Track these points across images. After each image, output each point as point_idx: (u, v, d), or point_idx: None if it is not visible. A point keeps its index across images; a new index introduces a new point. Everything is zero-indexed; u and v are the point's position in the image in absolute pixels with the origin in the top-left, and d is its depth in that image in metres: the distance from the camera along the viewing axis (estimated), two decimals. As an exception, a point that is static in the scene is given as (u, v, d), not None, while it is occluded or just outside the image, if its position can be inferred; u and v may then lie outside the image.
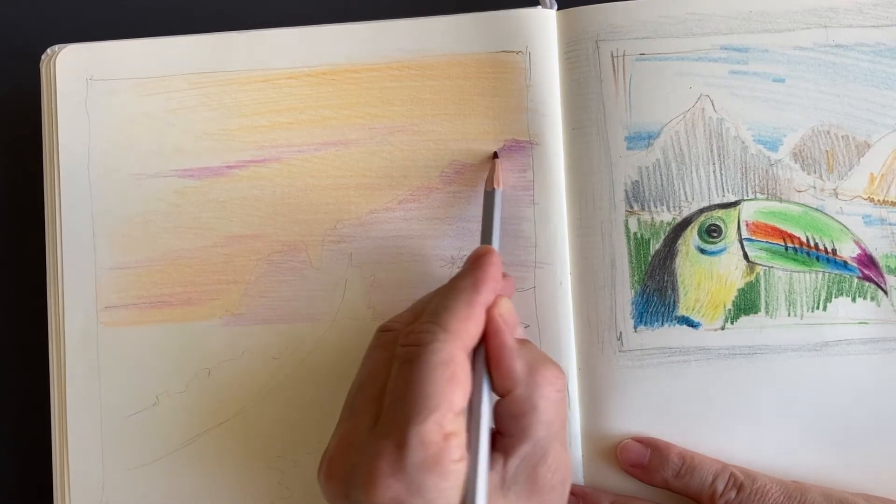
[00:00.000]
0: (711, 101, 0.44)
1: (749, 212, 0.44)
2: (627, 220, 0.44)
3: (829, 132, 0.44)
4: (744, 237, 0.44)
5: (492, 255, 0.39)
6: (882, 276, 0.43)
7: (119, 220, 0.46)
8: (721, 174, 0.44)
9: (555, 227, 0.44)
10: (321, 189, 0.45)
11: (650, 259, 0.44)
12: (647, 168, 0.44)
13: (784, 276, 0.43)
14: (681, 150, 0.44)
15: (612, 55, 0.44)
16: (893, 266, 0.43)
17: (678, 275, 0.44)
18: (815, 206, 0.44)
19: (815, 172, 0.44)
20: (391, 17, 0.46)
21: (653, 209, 0.44)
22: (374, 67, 0.46)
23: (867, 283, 0.43)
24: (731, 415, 0.43)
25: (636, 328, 0.43)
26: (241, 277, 0.45)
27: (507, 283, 0.41)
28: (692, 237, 0.44)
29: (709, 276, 0.43)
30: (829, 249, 0.43)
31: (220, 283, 0.45)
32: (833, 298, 0.43)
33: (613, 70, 0.44)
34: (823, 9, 0.44)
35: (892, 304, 0.43)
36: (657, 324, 0.43)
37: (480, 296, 0.37)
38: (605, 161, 0.44)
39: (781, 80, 0.44)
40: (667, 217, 0.44)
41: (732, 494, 0.40)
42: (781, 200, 0.44)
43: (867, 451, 0.42)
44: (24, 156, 0.49)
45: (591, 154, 0.44)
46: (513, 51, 0.45)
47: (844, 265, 0.43)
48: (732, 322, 0.43)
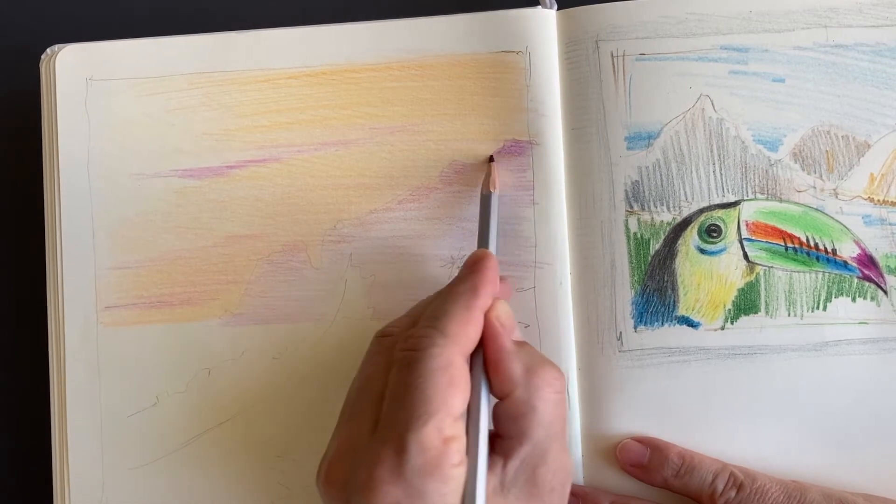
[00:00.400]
0: (711, 101, 0.44)
1: (749, 212, 0.44)
2: (627, 220, 0.44)
3: (829, 132, 0.44)
4: (744, 237, 0.44)
5: (489, 259, 0.39)
6: (882, 276, 0.43)
7: (119, 220, 0.46)
8: (721, 174, 0.44)
9: (555, 227, 0.44)
10: (321, 189, 0.45)
11: (650, 259, 0.44)
12: (647, 168, 0.44)
13: (784, 276, 0.43)
14: (681, 150, 0.44)
15: (612, 55, 0.44)
16: (893, 266, 0.43)
17: (678, 275, 0.44)
18: (815, 206, 0.44)
19: (815, 172, 0.44)
20: (391, 17, 0.46)
21: (653, 209, 0.44)
22: (374, 67, 0.46)
23: (867, 283, 0.43)
24: (731, 415, 0.43)
25: (636, 328, 0.43)
26: (241, 277, 0.45)
27: (505, 286, 0.41)
28: (692, 237, 0.44)
29: (709, 276, 0.43)
30: (829, 249, 0.43)
31: (220, 283, 0.45)
32: (833, 298, 0.43)
33: (613, 70, 0.44)
34: (823, 9, 0.44)
35: (892, 304, 0.43)
36: (657, 324, 0.43)
37: (479, 300, 0.37)
38: (605, 161, 0.44)
39: (781, 80, 0.44)
40: (667, 217, 0.44)
41: (732, 494, 0.40)
42: (781, 200, 0.44)
43: (867, 451, 0.42)
44: (24, 156, 0.49)
45: (591, 154, 0.44)
46: (513, 51, 0.45)
47: (844, 265, 0.43)
48: (732, 322, 0.43)
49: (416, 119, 0.45)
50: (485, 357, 0.37)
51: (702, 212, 0.44)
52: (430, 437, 0.33)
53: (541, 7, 0.45)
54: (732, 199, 0.44)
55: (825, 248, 0.43)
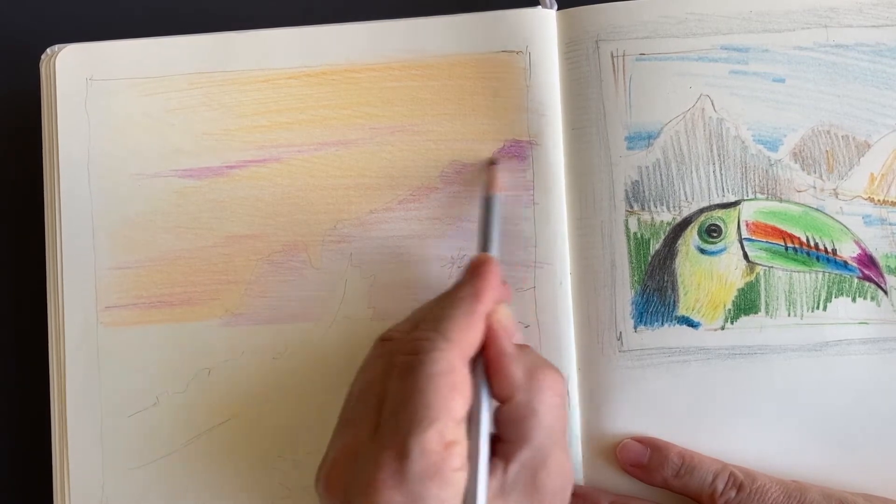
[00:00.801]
0: (711, 101, 0.44)
1: (749, 212, 0.44)
2: (627, 220, 0.44)
3: (829, 132, 0.44)
4: (744, 237, 0.44)
5: (492, 264, 0.39)
6: (882, 276, 0.43)
7: (119, 220, 0.46)
8: (721, 174, 0.44)
9: (555, 227, 0.44)
10: (321, 189, 0.45)
11: (650, 259, 0.44)
12: (647, 168, 0.44)
13: (784, 276, 0.43)
14: (681, 150, 0.44)
15: (612, 55, 0.44)
16: (893, 266, 0.43)
17: (678, 275, 0.44)
18: (815, 206, 0.44)
19: (815, 172, 0.44)
20: (391, 17, 0.46)
21: (653, 209, 0.44)
22: (374, 67, 0.46)
23: (867, 283, 0.43)
24: (731, 415, 0.43)
25: (636, 328, 0.43)
26: (241, 277, 0.45)
27: (504, 290, 0.41)
28: (692, 237, 0.44)
29: (709, 276, 0.43)
30: (829, 249, 0.43)
31: (220, 283, 0.45)
32: (833, 298, 0.43)
33: (613, 70, 0.44)
34: (823, 9, 0.44)
35: (892, 304, 0.43)
36: (657, 324, 0.43)
37: (481, 305, 0.37)
38: (605, 161, 0.44)
39: (781, 80, 0.44)
40: (667, 217, 0.44)
41: (732, 494, 0.40)
42: (781, 200, 0.44)
43: (867, 451, 0.42)
44: (24, 156, 0.49)
45: (591, 154, 0.44)
46: (513, 51, 0.45)
47: (844, 265, 0.43)
48: (732, 322, 0.43)
49: (416, 119, 0.45)
50: (486, 361, 0.37)
51: (702, 212, 0.44)
52: (432, 442, 0.33)
53: (541, 7, 0.45)
54: (732, 199, 0.44)
55: (825, 248, 0.43)
